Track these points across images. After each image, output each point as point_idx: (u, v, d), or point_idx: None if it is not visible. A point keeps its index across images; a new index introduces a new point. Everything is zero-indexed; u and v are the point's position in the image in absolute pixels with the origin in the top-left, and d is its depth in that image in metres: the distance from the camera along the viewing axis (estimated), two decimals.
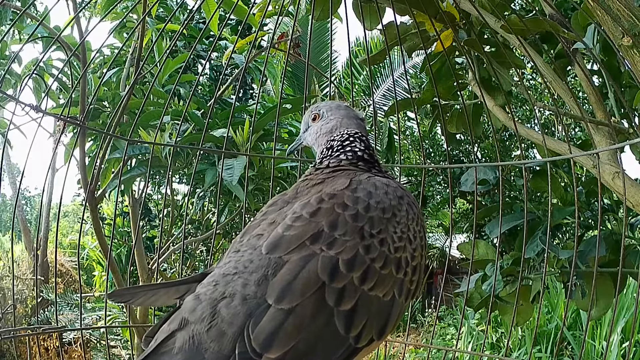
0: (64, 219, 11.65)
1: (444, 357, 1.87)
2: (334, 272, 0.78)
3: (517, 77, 2.49)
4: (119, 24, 3.41)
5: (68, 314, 5.60)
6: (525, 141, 4.85)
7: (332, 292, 0.76)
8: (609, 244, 1.93)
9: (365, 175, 0.96)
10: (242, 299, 0.76)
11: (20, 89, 2.72)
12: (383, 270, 0.82)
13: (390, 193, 0.91)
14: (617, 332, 4.61)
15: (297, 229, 0.83)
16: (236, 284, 0.78)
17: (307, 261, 0.78)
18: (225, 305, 0.76)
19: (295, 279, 0.76)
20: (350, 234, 0.82)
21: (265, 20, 2.35)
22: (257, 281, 0.78)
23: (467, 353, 4.86)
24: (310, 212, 0.85)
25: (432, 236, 10.70)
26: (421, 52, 2.45)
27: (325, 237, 0.81)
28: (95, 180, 2.65)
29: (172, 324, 0.78)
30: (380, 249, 0.83)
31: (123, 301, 0.94)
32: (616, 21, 1.47)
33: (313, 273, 0.77)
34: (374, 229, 0.84)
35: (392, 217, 0.88)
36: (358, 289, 0.78)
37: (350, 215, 0.84)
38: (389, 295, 0.82)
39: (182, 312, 0.78)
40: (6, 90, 3.59)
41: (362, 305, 0.78)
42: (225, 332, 0.73)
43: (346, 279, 0.78)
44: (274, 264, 0.79)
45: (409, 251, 0.87)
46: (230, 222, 4.67)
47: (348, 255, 0.80)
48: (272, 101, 4.79)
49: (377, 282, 0.81)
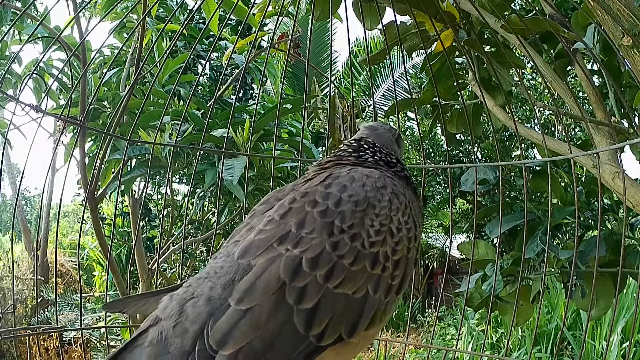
0: (64, 219, 11.65)
1: (444, 357, 1.87)
2: (296, 271, 0.77)
3: (517, 77, 2.49)
4: (119, 24, 3.42)
5: (68, 314, 5.59)
6: (525, 141, 4.86)
7: (293, 291, 0.76)
8: (609, 244, 1.92)
9: (348, 168, 0.94)
10: (207, 299, 0.78)
11: (20, 89, 2.72)
12: (353, 266, 0.80)
13: (368, 184, 0.88)
14: (617, 332, 4.61)
15: (267, 232, 0.83)
16: (205, 286, 0.80)
17: (272, 263, 0.79)
18: (192, 305, 0.78)
19: (257, 280, 0.77)
20: (318, 231, 0.81)
21: (265, 21, 2.35)
22: (224, 285, 0.79)
23: (467, 353, 4.86)
24: (282, 214, 0.85)
25: (432, 236, 10.71)
26: (421, 52, 2.45)
27: (292, 237, 0.81)
28: (95, 181, 2.65)
29: (148, 320, 0.81)
30: (351, 245, 0.81)
31: (117, 311, 0.97)
32: (616, 21, 1.47)
33: (274, 274, 0.77)
34: (345, 224, 0.82)
35: (369, 208, 0.85)
36: (322, 287, 0.77)
37: (318, 212, 0.83)
38: (360, 292, 0.80)
39: (156, 310, 0.82)
40: (6, 90, 3.59)
41: (325, 303, 0.77)
42: (187, 330, 0.75)
43: (309, 277, 0.77)
44: (242, 270, 0.80)
45: (390, 245, 0.84)
46: (230, 222, 4.67)
47: (313, 254, 0.79)
48: (272, 101, 4.79)
49: (344, 279, 0.79)
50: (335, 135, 2.19)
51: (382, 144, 1.09)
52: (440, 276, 10.42)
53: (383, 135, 1.11)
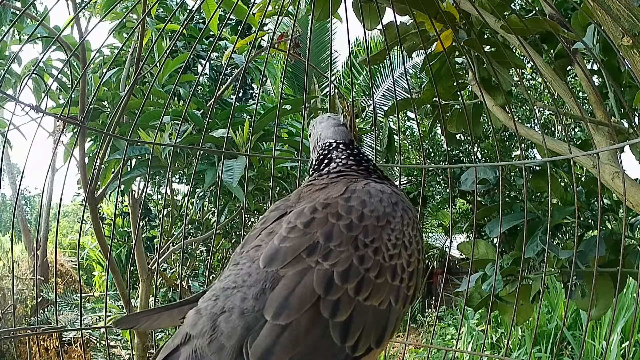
0: (64, 219, 11.65)
1: (444, 357, 1.87)
2: (329, 285, 0.79)
3: (517, 77, 2.49)
4: (118, 24, 3.41)
5: (68, 314, 5.60)
6: (525, 141, 4.86)
7: (328, 304, 0.78)
8: (609, 244, 1.93)
9: (362, 182, 0.97)
10: (240, 313, 0.78)
11: (20, 89, 2.72)
12: (378, 279, 0.83)
13: (384, 200, 0.92)
14: (617, 332, 4.61)
15: (292, 241, 0.84)
16: (235, 298, 0.80)
17: (303, 275, 0.80)
18: (225, 320, 0.78)
19: (292, 294, 0.78)
20: (345, 244, 0.83)
21: (265, 20, 2.35)
22: (255, 295, 0.79)
23: (467, 353, 4.86)
24: (305, 223, 0.87)
25: (432, 236, 10.70)
26: (421, 52, 2.45)
27: (321, 249, 0.83)
28: (95, 180, 2.65)
29: (176, 339, 0.80)
30: (375, 258, 0.84)
31: (129, 327, 0.97)
32: (616, 21, 1.47)
33: (309, 288, 0.79)
34: (368, 238, 0.85)
35: (387, 224, 0.89)
36: (353, 299, 0.80)
37: (344, 225, 0.86)
38: (385, 303, 0.83)
39: (185, 327, 0.80)
40: (6, 90, 3.59)
41: (358, 315, 0.80)
42: (224, 346, 0.75)
43: (341, 291, 0.79)
44: (271, 278, 0.81)
45: (405, 258, 0.88)
46: (230, 222, 4.67)
47: (343, 267, 0.81)
48: (272, 101, 4.79)
49: (372, 292, 0.82)
50: None
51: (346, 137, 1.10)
52: (440, 276, 10.41)
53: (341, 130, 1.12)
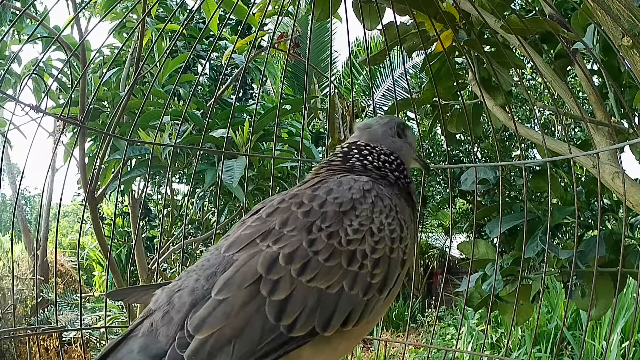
0: (64, 219, 11.64)
1: (444, 357, 1.87)
2: (272, 265, 0.82)
3: (517, 77, 2.49)
4: (118, 24, 3.41)
5: (68, 314, 5.60)
6: (525, 141, 4.86)
7: (268, 283, 0.81)
8: (609, 244, 1.92)
9: (338, 174, 0.97)
10: (191, 290, 0.84)
11: (20, 89, 2.72)
12: (328, 262, 0.83)
13: (354, 188, 0.92)
14: (617, 332, 4.62)
15: (252, 228, 0.88)
16: (191, 279, 0.86)
17: (252, 257, 0.84)
18: (178, 296, 0.84)
19: (237, 273, 0.82)
20: (299, 230, 0.85)
21: (265, 20, 2.35)
22: (207, 277, 0.85)
23: (467, 353, 4.86)
24: (269, 212, 0.90)
25: (432, 236, 10.71)
26: (421, 52, 2.45)
27: (274, 233, 0.86)
28: (95, 180, 2.65)
29: (144, 312, 0.87)
30: (328, 242, 0.84)
31: (120, 299, 1.03)
32: (616, 21, 1.47)
33: (253, 267, 0.82)
34: (325, 223, 0.86)
35: (350, 210, 0.88)
36: (295, 280, 0.81)
37: (303, 212, 0.87)
38: (334, 287, 0.83)
39: (150, 303, 0.88)
40: (6, 90, 3.59)
41: (298, 295, 0.81)
42: (173, 318, 0.81)
43: (283, 271, 0.81)
44: (225, 262, 0.85)
45: (369, 244, 0.87)
46: (230, 222, 4.67)
47: (290, 250, 0.83)
48: (272, 101, 4.79)
49: (318, 274, 0.82)
50: (335, 135, 2.19)
51: (377, 141, 1.08)
52: (440, 276, 10.41)
53: (376, 132, 1.10)
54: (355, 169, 1.02)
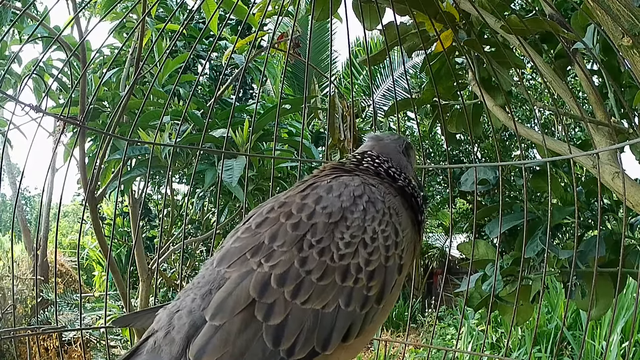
0: (64, 219, 11.65)
1: (444, 357, 1.87)
2: (264, 288, 0.80)
3: (517, 77, 2.49)
4: (118, 24, 3.41)
5: (68, 314, 5.61)
6: (525, 141, 4.86)
7: (262, 307, 0.79)
8: (609, 244, 1.92)
9: (331, 177, 0.95)
10: (189, 311, 0.83)
11: (20, 89, 2.72)
12: (322, 281, 0.81)
13: (345, 194, 0.88)
14: (617, 332, 4.62)
15: (242, 241, 0.86)
16: (188, 298, 0.86)
17: (244, 278, 0.82)
18: (177, 317, 0.84)
19: (229, 296, 0.81)
20: (289, 245, 0.82)
21: (265, 20, 2.35)
22: (203, 295, 0.84)
23: (467, 353, 4.86)
24: (258, 223, 0.88)
25: (432, 236, 10.71)
26: (421, 52, 2.45)
27: (264, 249, 0.83)
28: (95, 180, 2.64)
29: (147, 331, 0.88)
30: (320, 260, 0.81)
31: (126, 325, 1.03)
32: (616, 21, 1.47)
33: (245, 290, 0.80)
34: (315, 238, 0.83)
35: (341, 220, 0.85)
36: (289, 303, 0.79)
37: (291, 224, 0.85)
38: (330, 306, 0.81)
39: (154, 323, 0.88)
40: (6, 90, 3.59)
41: (294, 319, 0.79)
42: (174, 339, 0.81)
43: (277, 294, 0.79)
44: (219, 278, 0.84)
45: (363, 256, 0.84)
46: (230, 222, 4.67)
47: (281, 270, 0.81)
48: (272, 101, 4.79)
49: (312, 295, 0.80)
50: (335, 135, 2.18)
51: (387, 155, 1.08)
52: (440, 276, 10.42)
53: (388, 146, 1.10)
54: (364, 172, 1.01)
